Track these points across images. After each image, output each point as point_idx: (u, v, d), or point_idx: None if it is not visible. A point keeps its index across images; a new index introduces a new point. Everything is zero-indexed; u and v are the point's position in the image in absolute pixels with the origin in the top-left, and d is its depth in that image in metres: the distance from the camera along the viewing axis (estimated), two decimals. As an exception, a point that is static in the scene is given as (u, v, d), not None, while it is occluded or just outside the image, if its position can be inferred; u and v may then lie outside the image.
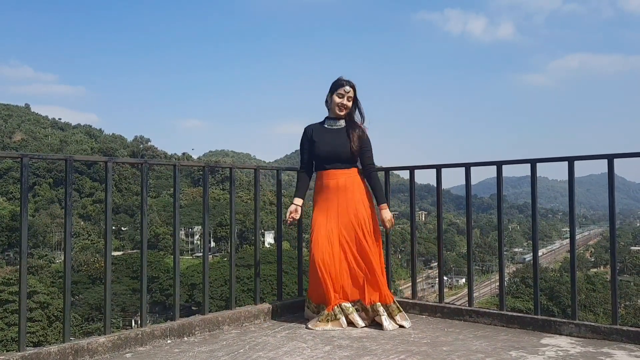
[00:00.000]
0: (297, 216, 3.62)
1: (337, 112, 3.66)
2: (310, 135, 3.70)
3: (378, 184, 3.70)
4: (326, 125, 3.71)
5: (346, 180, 3.61)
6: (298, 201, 3.65)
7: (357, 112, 3.73)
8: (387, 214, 3.64)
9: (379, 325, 3.42)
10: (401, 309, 3.52)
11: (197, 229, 69.11)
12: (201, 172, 3.64)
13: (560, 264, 64.22)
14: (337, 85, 3.66)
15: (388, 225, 3.68)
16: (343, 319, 3.42)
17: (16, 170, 69.23)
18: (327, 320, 3.42)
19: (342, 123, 3.69)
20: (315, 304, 3.59)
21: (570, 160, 3.27)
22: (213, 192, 75.42)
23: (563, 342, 3.00)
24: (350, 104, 3.67)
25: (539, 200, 3.47)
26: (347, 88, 3.63)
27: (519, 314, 3.42)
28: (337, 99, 3.64)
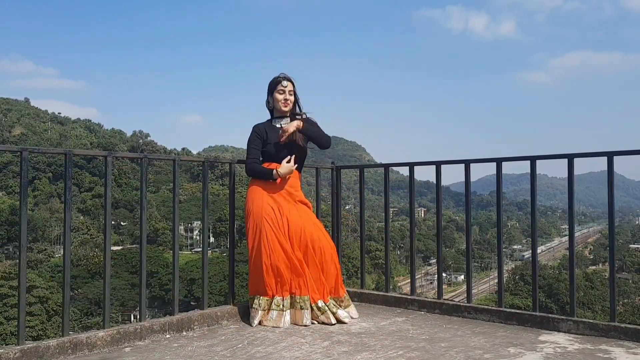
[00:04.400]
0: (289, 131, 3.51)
1: (283, 108, 3.63)
2: (262, 134, 3.64)
3: (321, 133, 3.67)
4: (276, 125, 3.67)
5: (295, 180, 3.63)
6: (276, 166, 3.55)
7: (296, 106, 3.71)
8: (296, 122, 3.54)
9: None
10: (349, 301, 3.60)
11: (197, 224, 69.11)
12: (201, 167, 3.64)
13: (559, 261, 64.28)
14: (275, 83, 3.64)
15: (285, 133, 3.53)
16: (283, 313, 3.37)
17: (16, 165, 69.22)
18: (278, 310, 3.37)
19: (288, 120, 3.67)
20: (258, 296, 3.45)
21: (570, 158, 3.27)
22: (212, 187, 75.42)
23: (561, 339, 3.01)
24: (292, 98, 3.65)
25: (538, 198, 3.48)
26: (285, 83, 3.61)
27: (518, 311, 3.43)
28: (278, 96, 3.61)
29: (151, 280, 44.50)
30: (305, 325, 3.33)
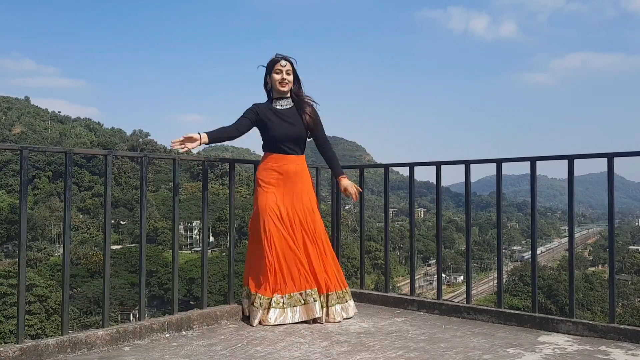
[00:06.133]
0: (191, 145, 3.25)
1: (280, 88, 3.57)
2: (262, 113, 3.57)
3: (335, 156, 3.79)
4: (277, 107, 3.61)
5: (302, 168, 3.62)
6: (204, 135, 3.32)
7: (301, 89, 3.66)
8: (347, 181, 3.73)
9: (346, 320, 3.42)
10: (351, 297, 3.61)
11: (196, 223, 69.10)
12: (200, 167, 3.64)
13: (558, 262, 64.29)
14: (272, 63, 3.59)
15: (353, 191, 3.67)
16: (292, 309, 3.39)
17: (16, 163, 69.16)
18: (283, 307, 3.38)
19: (289, 102, 3.63)
20: (256, 292, 3.44)
21: (570, 159, 3.27)
22: (212, 187, 75.27)
23: (560, 340, 3.01)
24: (291, 77, 3.59)
25: (538, 199, 3.48)
26: (283, 62, 3.56)
27: (517, 312, 3.43)
28: (276, 76, 3.57)
29: (150, 279, 44.49)
30: (317, 318, 3.36)
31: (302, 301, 3.39)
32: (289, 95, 3.64)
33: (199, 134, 3.30)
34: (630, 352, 2.76)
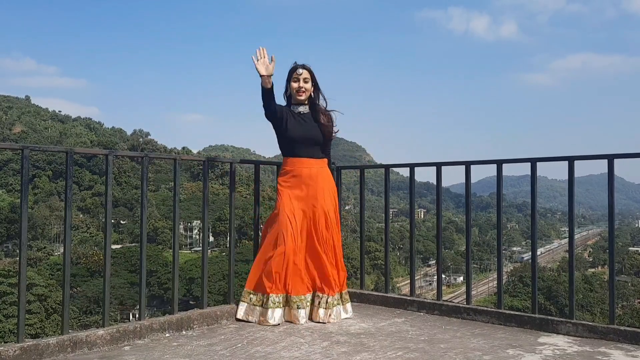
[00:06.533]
0: (261, 64, 3.44)
1: (297, 97, 3.62)
2: (284, 111, 3.62)
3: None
4: (294, 111, 3.66)
5: (318, 171, 3.61)
6: (270, 80, 3.48)
7: (320, 97, 3.70)
8: None
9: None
10: (348, 299, 3.67)
11: (196, 223, 69.11)
12: (201, 167, 3.65)
13: (558, 263, 64.29)
14: (290, 71, 3.64)
15: None
16: (299, 311, 3.43)
17: (16, 162, 69.19)
18: (282, 306, 3.43)
19: (306, 108, 3.67)
20: (262, 293, 3.46)
21: (570, 160, 3.28)
22: (212, 186, 75.21)
23: (560, 341, 3.01)
24: (308, 85, 3.62)
25: (538, 200, 3.48)
26: (300, 70, 3.60)
27: (517, 313, 3.43)
28: (294, 84, 3.61)
29: (150, 279, 44.47)
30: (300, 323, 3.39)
31: (287, 304, 3.45)
32: (306, 102, 3.68)
33: (270, 75, 3.47)
34: (630, 354, 2.76)
